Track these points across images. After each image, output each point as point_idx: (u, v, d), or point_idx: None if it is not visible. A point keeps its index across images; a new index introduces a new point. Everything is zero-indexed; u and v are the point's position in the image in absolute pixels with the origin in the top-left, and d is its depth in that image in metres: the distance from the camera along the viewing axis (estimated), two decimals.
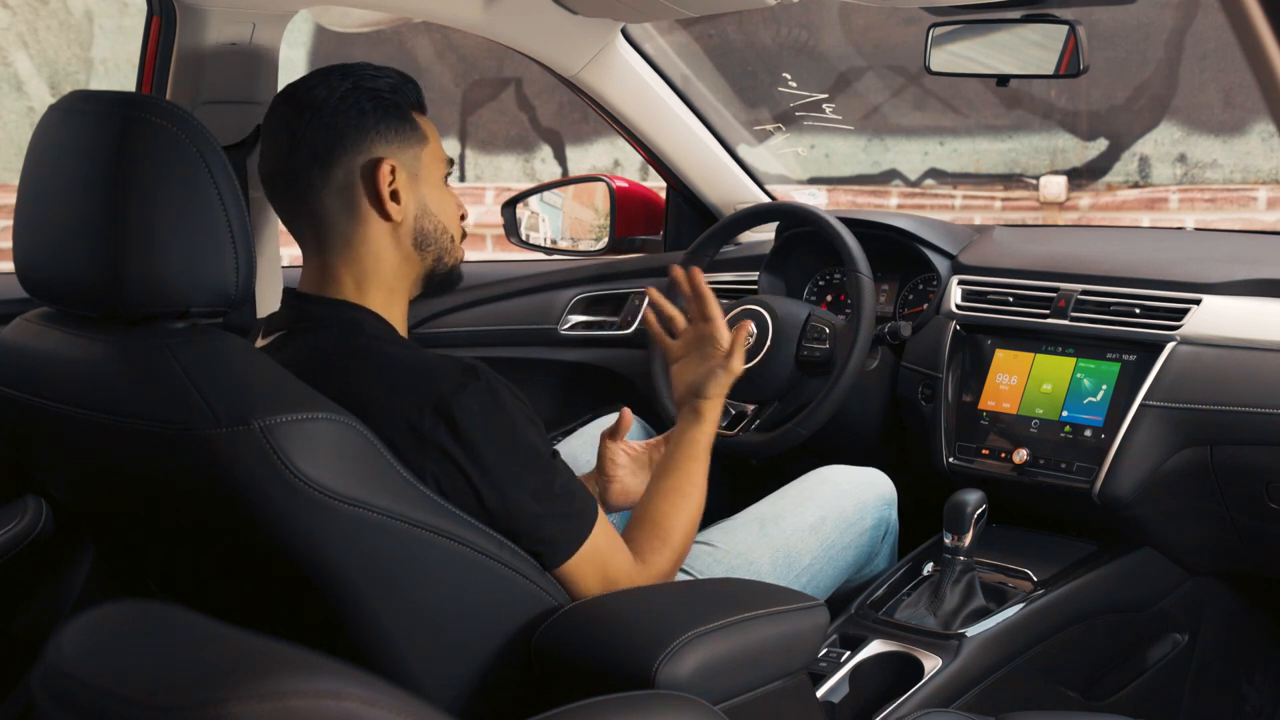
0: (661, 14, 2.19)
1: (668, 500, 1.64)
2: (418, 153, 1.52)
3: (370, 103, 1.49)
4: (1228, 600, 2.14)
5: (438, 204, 1.55)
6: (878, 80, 5.33)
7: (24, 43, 5.42)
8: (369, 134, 1.49)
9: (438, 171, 1.55)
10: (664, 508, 1.63)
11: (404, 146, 1.51)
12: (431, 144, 1.55)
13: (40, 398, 1.37)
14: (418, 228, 1.53)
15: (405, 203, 1.51)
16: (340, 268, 1.50)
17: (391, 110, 1.50)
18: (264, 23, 1.96)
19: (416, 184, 1.52)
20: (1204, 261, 2.06)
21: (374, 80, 1.50)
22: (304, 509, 1.26)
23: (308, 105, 1.48)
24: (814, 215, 2.20)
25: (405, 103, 1.52)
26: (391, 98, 1.51)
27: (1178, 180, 5.06)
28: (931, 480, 2.11)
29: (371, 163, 1.48)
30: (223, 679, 0.80)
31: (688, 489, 1.65)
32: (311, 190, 1.49)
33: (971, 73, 2.07)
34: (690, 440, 1.70)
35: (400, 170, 1.50)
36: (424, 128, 1.54)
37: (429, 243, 1.54)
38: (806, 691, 1.57)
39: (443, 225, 1.55)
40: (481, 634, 1.41)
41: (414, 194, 1.52)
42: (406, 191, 1.51)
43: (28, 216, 1.37)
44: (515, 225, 2.71)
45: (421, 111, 1.56)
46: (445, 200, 1.56)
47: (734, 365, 1.74)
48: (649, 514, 1.63)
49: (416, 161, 1.52)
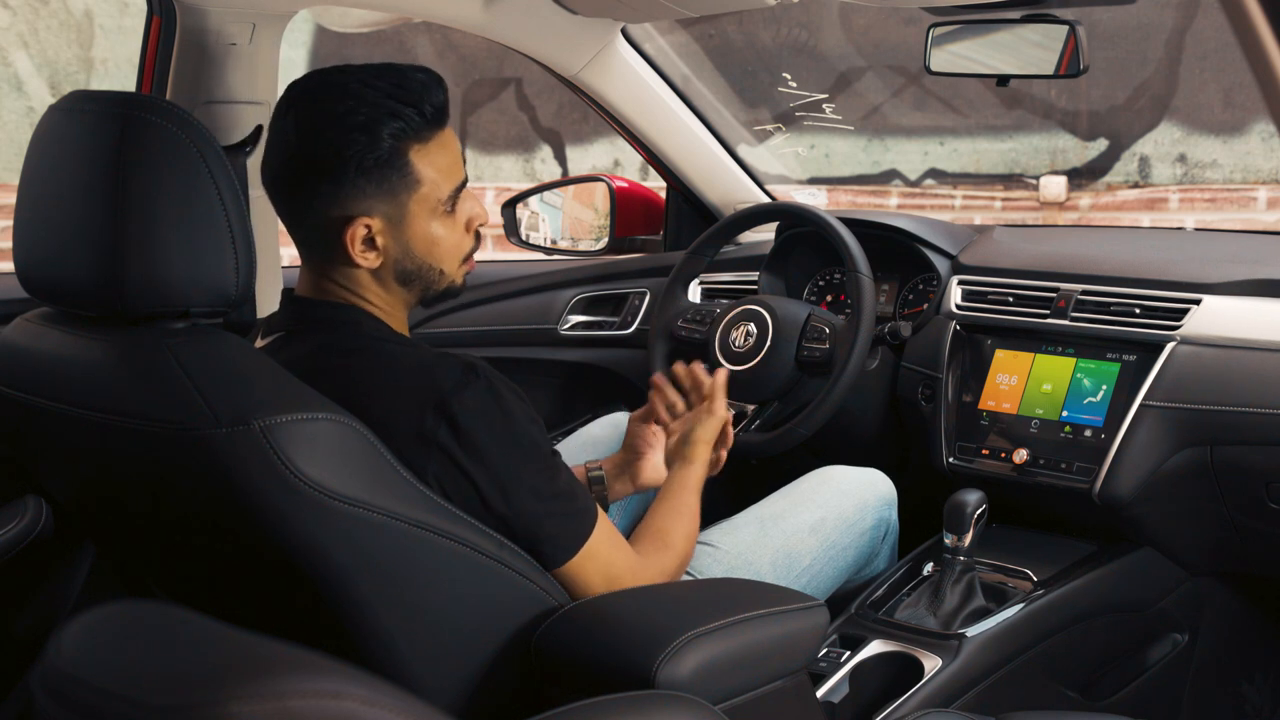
0: (661, 14, 2.19)
1: (666, 516, 1.68)
2: (403, 200, 1.45)
3: (357, 154, 1.41)
4: (1228, 600, 2.14)
5: (424, 244, 1.48)
6: (878, 80, 5.33)
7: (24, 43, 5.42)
8: (345, 189, 1.42)
9: (430, 209, 1.47)
10: (665, 520, 1.67)
11: (386, 197, 1.44)
12: (424, 188, 1.45)
13: (40, 398, 1.37)
14: (398, 269, 1.48)
15: (385, 248, 1.46)
16: (328, 284, 1.50)
17: (379, 162, 1.42)
18: (264, 23, 1.96)
19: (399, 229, 1.46)
20: (1204, 261, 2.06)
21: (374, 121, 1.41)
22: (304, 509, 1.26)
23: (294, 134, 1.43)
24: (814, 215, 2.20)
25: (405, 143, 1.43)
26: (387, 146, 1.42)
27: (1178, 180, 5.06)
28: (931, 480, 2.11)
29: (343, 219, 1.43)
30: (223, 679, 0.80)
31: (684, 509, 1.71)
32: (296, 216, 1.48)
33: (971, 73, 2.07)
34: (680, 481, 1.75)
35: (377, 221, 1.44)
36: (420, 168, 1.45)
37: (411, 279, 1.50)
38: (806, 691, 1.57)
39: (427, 264, 1.49)
40: (481, 634, 1.41)
41: (395, 239, 1.46)
42: (386, 238, 1.46)
43: (28, 216, 1.37)
44: (515, 225, 2.71)
45: (437, 127, 1.47)
46: (438, 234, 1.48)
47: (717, 409, 1.81)
48: (649, 525, 1.66)
49: (400, 210, 1.45)
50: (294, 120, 1.44)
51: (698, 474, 1.77)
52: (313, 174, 1.43)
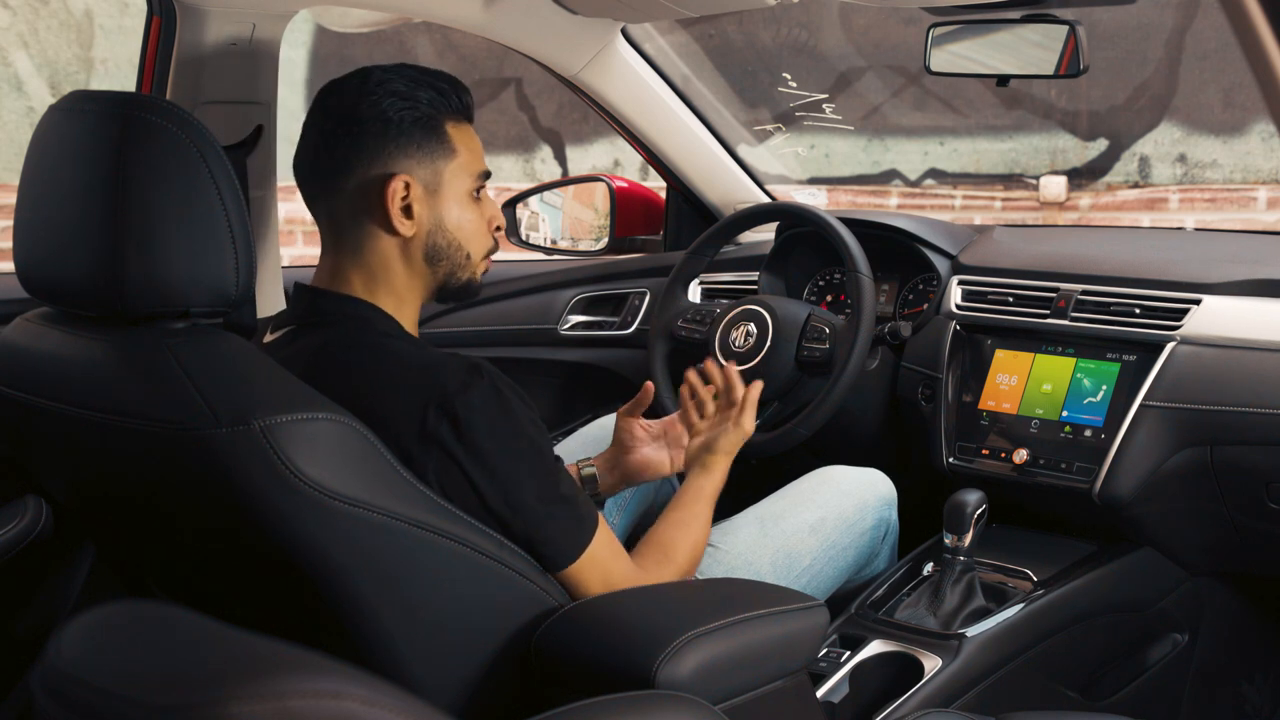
0: (661, 14, 2.19)
1: (674, 528, 1.68)
2: (440, 168, 1.51)
3: (398, 113, 1.48)
4: (1228, 600, 2.14)
5: (456, 220, 1.53)
6: (878, 80, 5.33)
7: (24, 43, 5.42)
8: (388, 147, 1.48)
9: (463, 185, 1.53)
10: (670, 533, 1.67)
11: (425, 161, 1.50)
12: (460, 158, 1.52)
13: (40, 398, 1.37)
14: (429, 243, 1.51)
15: (419, 216, 1.50)
16: (350, 269, 1.51)
17: (419, 123, 1.49)
18: (264, 23, 1.96)
19: (435, 199, 1.51)
20: (1204, 261, 2.06)
21: (412, 89, 1.49)
22: (304, 509, 1.26)
23: (337, 109, 1.49)
24: (814, 215, 2.20)
25: (441, 114, 1.50)
26: (425, 109, 1.49)
27: (1178, 180, 5.06)
28: (931, 480, 2.11)
29: (384, 177, 1.48)
30: (223, 679, 0.80)
31: (692, 522, 1.70)
32: (327, 192, 1.50)
33: (971, 73, 2.07)
34: (695, 489, 1.75)
35: (416, 185, 1.49)
36: (455, 141, 1.52)
37: (440, 258, 1.53)
38: (806, 691, 1.57)
39: (457, 242, 1.53)
40: (481, 634, 1.41)
41: (430, 209, 1.51)
42: (421, 205, 1.50)
43: (28, 216, 1.37)
44: (515, 225, 2.71)
45: (465, 119, 1.54)
46: (467, 215, 1.54)
47: (745, 423, 1.81)
48: (654, 537, 1.66)
49: (437, 176, 1.51)
50: (335, 99, 1.50)
51: (715, 484, 1.77)
52: (355, 135, 1.47)
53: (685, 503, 1.72)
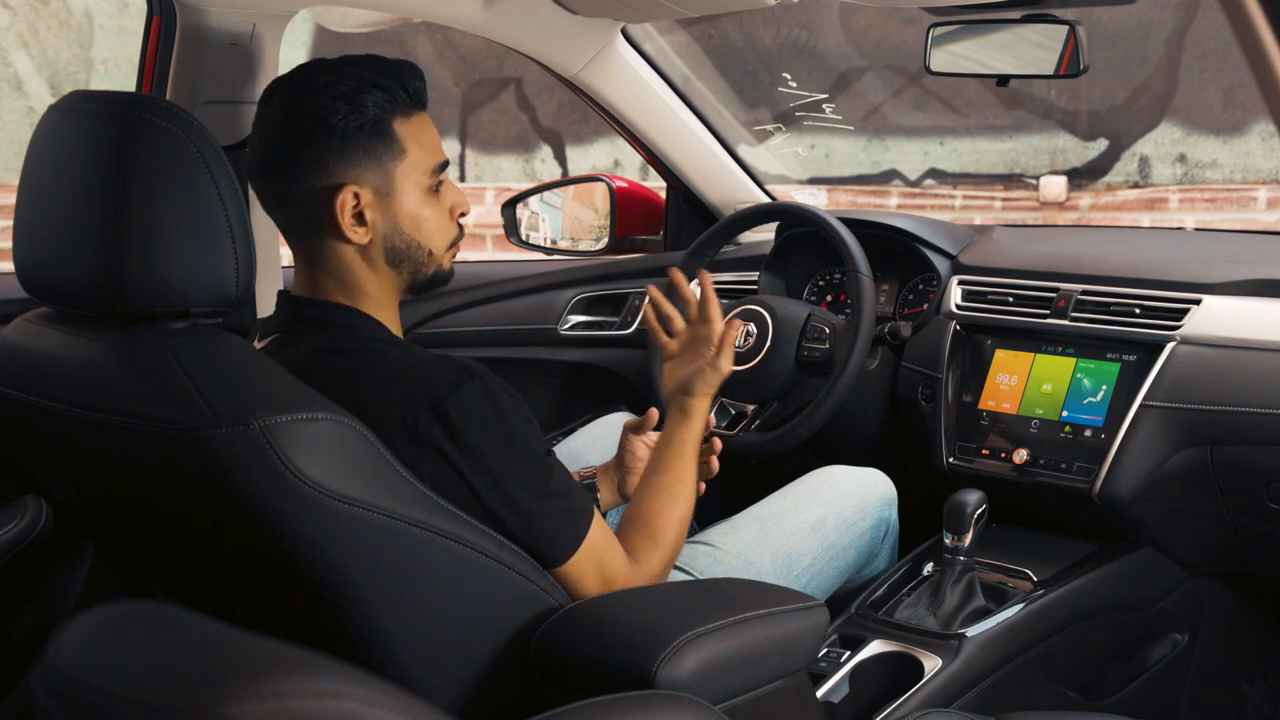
0: (661, 14, 2.19)
1: (659, 499, 1.64)
2: (390, 170, 1.46)
3: (342, 120, 1.43)
4: (1228, 600, 2.14)
5: (412, 220, 1.49)
6: (878, 80, 5.32)
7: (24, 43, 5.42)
8: (332, 157, 1.43)
9: (418, 183, 1.48)
10: (655, 506, 1.63)
11: (374, 166, 1.45)
12: (411, 156, 1.47)
13: (40, 398, 1.37)
14: (387, 246, 1.48)
15: (373, 222, 1.46)
16: (321, 278, 1.50)
17: (365, 128, 1.44)
18: (264, 23, 1.96)
19: (388, 202, 1.47)
20: (1204, 261, 2.06)
21: (356, 91, 1.44)
22: (304, 509, 1.26)
23: (279, 116, 1.46)
24: (814, 215, 2.20)
25: (388, 114, 1.45)
26: (371, 113, 1.44)
27: (1178, 180, 5.06)
28: (931, 480, 2.11)
29: (331, 188, 1.44)
30: (223, 679, 0.80)
31: (677, 487, 1.65)
32: (278, 199, 1.49)
33: (971, 73, 2.07)
34: (678, 439, 1.70)
35: (366, 192, 1.45)
36: (405, 139, 1.47)
37: (400, 259, 1.50)
38: (806, 691, 1.57)
39: (416, 241, 1.50)
40: (481, 634, 1.41)
41: (383, 213, 1.47)
42: (374, 211, 1.46)
43: (28, 216, 1.37)
44: (515, 225, 2.71)
45: (417, 109, 1.49)
46: (426, 212, 1.50)
47: (722, 364, 1.74)
48: (640, 513, 1.63)
49: (388, 180, 1.46)
50: (278, 102, 1.46)
51: (695, 432, 1.71)
52: (298, 145, 1.44)
53: (667, 462, 1.68)
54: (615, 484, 1.86)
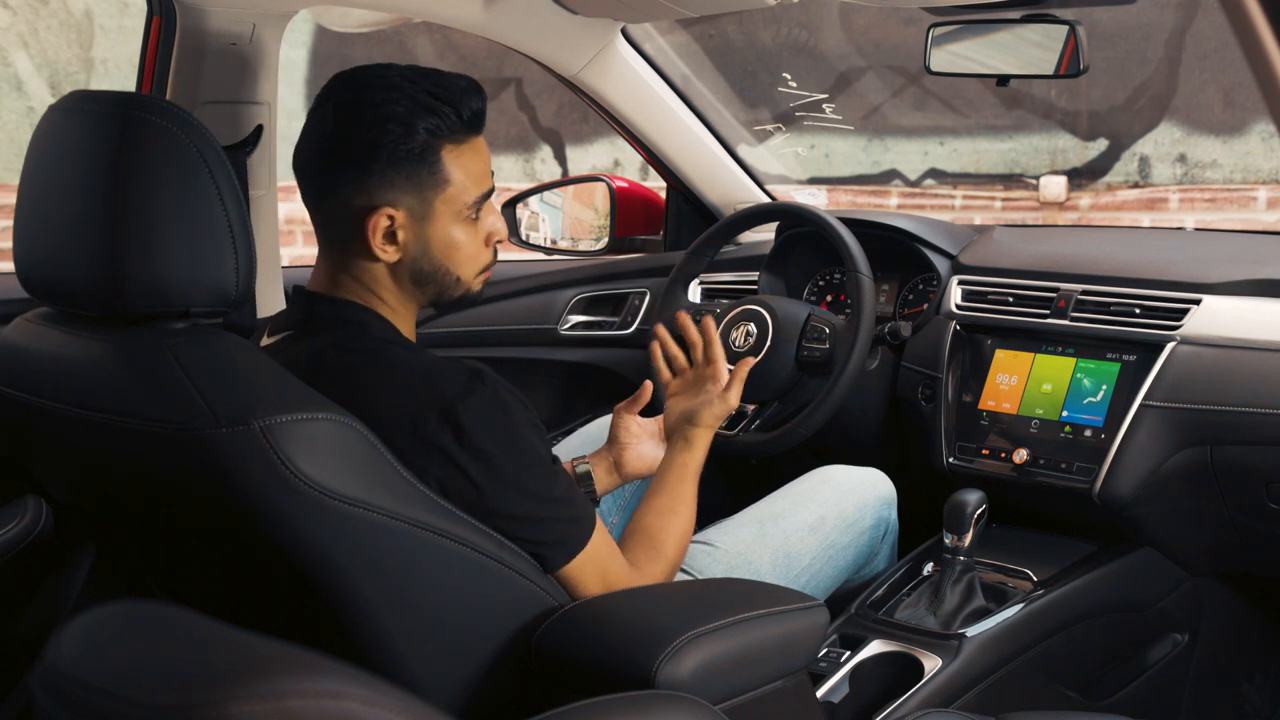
0: (661, 14, 2.19)
1: (660, 517, 1.66)
2: (429, 198, 1.45)
3: (391, 143, 1.42)
4: (1228, 600, 2.14)
5: (444, 246, 1.48)
6: (878, 80, 5.32)
7: (24, 43, 5.42)
8: (373, 179, 1.43)
9: (456, 213, 1.47)
10: (657, 522, 1.65)
11: (413, 191, 1.44)
12: (454, 187, 1.46)
13: (40, 398, 1.37)
14: (415, 268, 1.48)
15: (404, 243, 1.46)
16: (343, 277, 1.50)
17: (411, 155, 1.43)
18: (264, 23, 1.96)
19: (422, 226, 1.46)
20: (1204, 261, 2.06)
21: (412, 116, 1.42)
22: (304, 509, 1.26)
23: (331, 119, 1.45)
24: (814, 215, 2.20)
25: (438, 140, 1.44)
26: (421, 139, 1.42)
27: (1178, 180, 5.06)
28: (931, 480, 2.11)
29: (367, 208, 1.44)
30: (223, 679, 0.80)
31: (678, 507, 1.68)
32: (320, 201, 1.48)
33: (971, 73, 2.07)
34: (680, 465, 1.72)
35: (401, 214, 1.45)
36: (451, 168, 1.45)
37: (426, 281, 1.49)
38: (806, 691, 1.57)
39: (445, 267, 1.49)
40: (481, 634, 1.42)
41: (416, 236, 1.46)
42: (407, 233, 1.46)
43: (28, 216, 1.37)
44: (515, 225, 2.71)
45: (472, 133, 1.47)
46: (460, 238, 1.48)
47: (731, 398, 1.77)
48: (642, 527, 1.64)
49: (426, 206, 1.45)
50: (332, 106, 1.45)
51: (697, 460, 1.73)
52: (344, 159, 1.44)
53: (669, 485, 1.69)
54: (609, 465, 1.86)
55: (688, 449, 1.74)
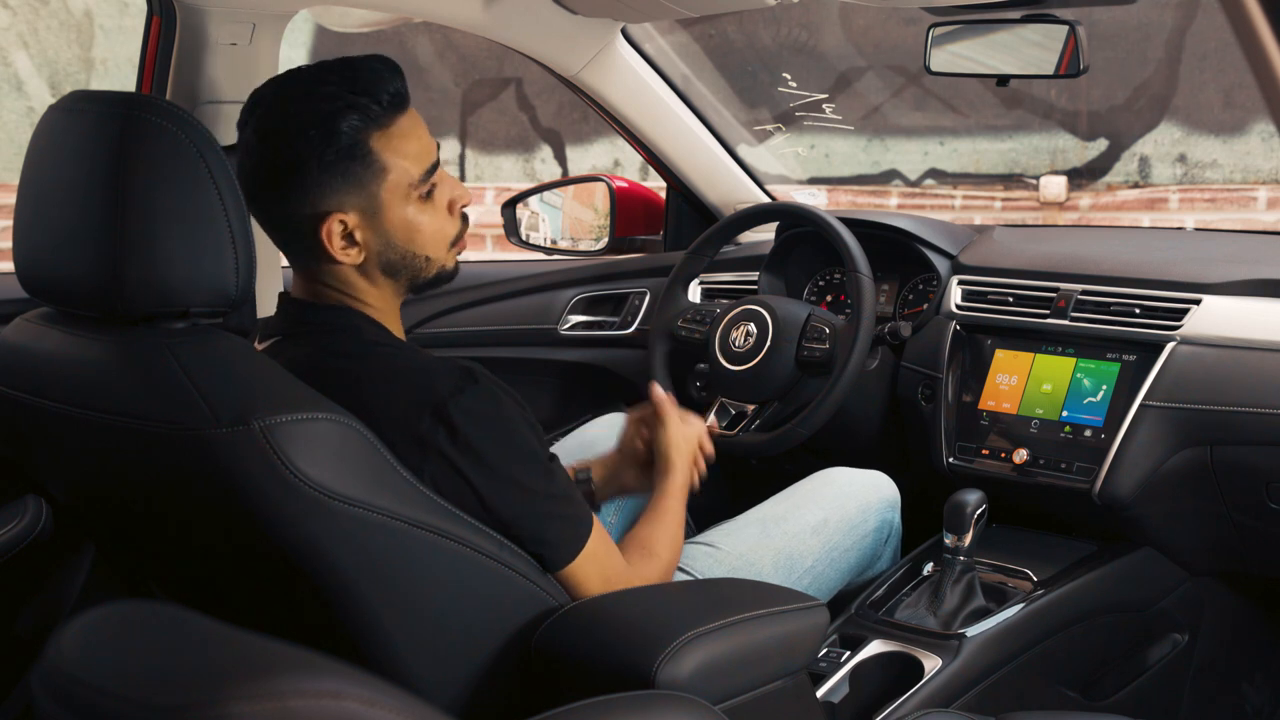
0: (661, 14, 2.19)
1: (651, 525, 1.67)
2: (374, 191, 1.43)
3: (317, 151, 1.40)
4: (1228, 600, 2.14)
5: (405, 232, 1.46)
6: (878, 80, 5.32)
7: (24, 43, 5.42)
8: (311, 188, 1.41)
9: (405, 196, 1.45)
10: (648, 530, 1.66)
11: (356, 190, 1.43)
12: (394, 173, 1.43)
13: (40, 398, 1.37)
14: (382, 261, 1.47)
15: (365, 241, 1.45)
16: (319, 286, 1.50)
17: (341, 155, 1.40)
18: (264, 23, 1.96)
19: (377, 219, 1.45)
20: (1204, 261, 2.06)
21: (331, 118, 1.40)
22: (304, 509, 1.26)
23: (255, 144, 1.43)
24: (814, 215, 2.20)
25: (364, 133, 1.41)
26: (346, 138, 1.40)
27: (1178, 180, 5.06)
28: (932, 480, 2.11)
29: (316, 217, 1.43)
30: (223, 679, 0.80)
31: (668, 518, 1.69)
32: (271, 222, 1.48)
33: (971, 73, 2.07)
34: (664, 490, 1.74)
35: (352, 215, 1.43)
36: (385, 156, 1.43)
37: (397, 271, 1.49)
38: (806, 691, 1.57)
39: (411, 252, 1.48)
40: (481, 634, 1.41)
41: (374, 231, 1.45)
42: (364, 231, 1.44)
43: (28, 216, 1.37)
44: (515, 225, 2.71)
45: (397, 113, 1.44)
46: (421, 219, 1.47)
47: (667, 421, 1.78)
48: (634, 535, 1.66)
49: (373, 200, 1.44)
50: (253, 128, 1.44)
51: (678, 481, 1.75)
52: (277, 176, 1.43)
53: (655, 501, 1.72)
54: (612, 472, 1.86)
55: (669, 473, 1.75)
